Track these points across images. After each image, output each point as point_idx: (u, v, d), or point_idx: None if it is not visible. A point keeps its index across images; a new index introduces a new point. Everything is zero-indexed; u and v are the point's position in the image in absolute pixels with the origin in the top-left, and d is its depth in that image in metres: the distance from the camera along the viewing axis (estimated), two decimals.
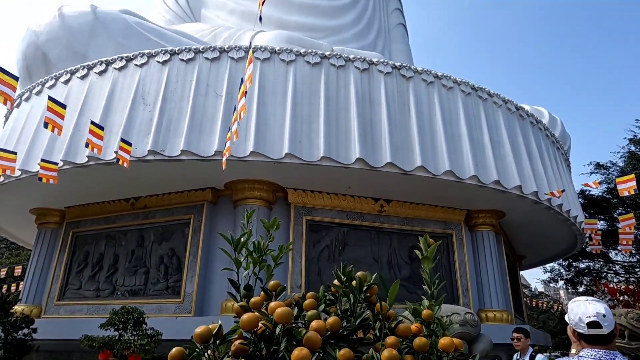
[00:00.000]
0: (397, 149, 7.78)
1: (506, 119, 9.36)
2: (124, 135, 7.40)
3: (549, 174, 9.70)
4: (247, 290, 1.90)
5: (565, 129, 13.61)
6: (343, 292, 1.71)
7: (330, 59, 8.34)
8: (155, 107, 7.73)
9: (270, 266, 1.99)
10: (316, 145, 7.50)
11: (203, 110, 7.62)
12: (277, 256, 2.02)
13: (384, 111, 8.03)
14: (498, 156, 8.68)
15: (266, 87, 7.89)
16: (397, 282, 1.56)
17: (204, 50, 8.18)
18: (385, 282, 1.77)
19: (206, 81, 7.90)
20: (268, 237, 2.02)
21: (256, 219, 7.25)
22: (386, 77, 8.47)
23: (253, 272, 1.95)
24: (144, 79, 8.10)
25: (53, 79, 8.91)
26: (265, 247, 1.95)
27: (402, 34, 18.56)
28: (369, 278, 1.74)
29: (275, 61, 8.16)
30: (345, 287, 1.66)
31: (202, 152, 7.31)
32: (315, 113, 7.76)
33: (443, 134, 8.22)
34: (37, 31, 9.61)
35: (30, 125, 8.69)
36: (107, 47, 9.32)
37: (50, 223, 10.13)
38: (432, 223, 9.53)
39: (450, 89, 8.89)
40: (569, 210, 9.80)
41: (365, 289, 1.68)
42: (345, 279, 1.66)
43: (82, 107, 8.16)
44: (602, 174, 17.79)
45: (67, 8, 9.87)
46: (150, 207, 9.22)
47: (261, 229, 8.00)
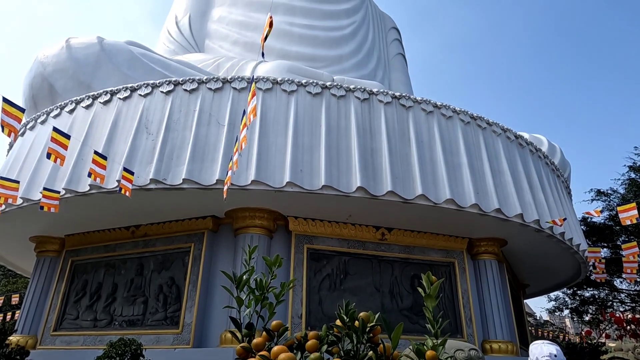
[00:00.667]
0: (398, 178, 7.82)
1: (506, 147, 9.43)
2: (127, 163, 7.46)
3: (550, 201, 9.70)
4: (249, 329, 1.88)
5: (565, 156, 13.71)
6: (346, 333, 1.69)
7: (331, 89, 8.49)
8: (158, 136, 7.81)
9: (272, 304, 1.98)
10: (317, 174, 7.54)
11: (205, 139, 7.70)
12: (279, 294, 2.01)
13: (384, 140, 8.11)
14: (498, 184, 8.70)
15: (268, 117, 8.00)
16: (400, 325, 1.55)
17: (207, 81, 8.34)
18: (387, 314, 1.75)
19: (209, 111, 8.02)
20: (270, 275, 2.01)
21: (257, 254, 7.20)
22: (386, 106, 8.59)
23: (255, 311, 1.94)
24: (147, 109, 8.23)
25: (58, 109, 9.05)
26: (267, 285, 1.94)
27: (401, 63, 18.95)
28: (372, 318, 1.73)
29: (277, 91, 8.31)
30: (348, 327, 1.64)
31: (203, 181, 7.34)
32: (317, 142, 7.84)
33: (443, 162, 8.27)
34: (44, 62, 9.84)
35: (34, 153, 8.77)
36: (112, 77, 9.53)
37: (49, 251, 10.08)
38: (433, 251, 9.46)
39: (450, 118, 9.01)
40: (572, 238, 9.74)
41: (369, 330, 1.66)
42: (347, 319, 1.65)
43: (86, 136, 8.26)
44: (604, 201, 17.77)
45: (75, 40, 10.14)
46: (151, 235, 9.19)
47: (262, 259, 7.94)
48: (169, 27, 16.25)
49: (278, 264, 1.95)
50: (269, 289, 1.98)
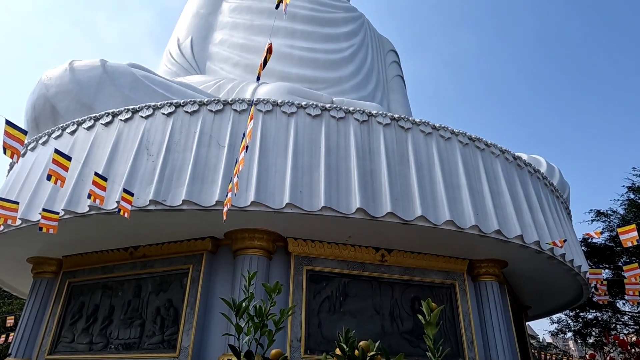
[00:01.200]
0: (397, 199, 7.82)
1: (504, 168, 9.47)
2: (127, 185, 7.47)
3: (550, 223, 9.68)
4: (248, 357, 1.86)
5: (564, 177, 13.74)
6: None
7: (331, 111, 8.58)
8: (159, 157, 7.85)
9: (271, 331, 1.96)
10: (317, 195, 7.55)
11: (205, 160, 7.73)
12: (278, 321, 1.99)
13: (383, 161, 8.15)
14: (498, 206, 8.70)
15: (268, 138, 8.06)
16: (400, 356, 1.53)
17: (208, 103, 8.44)
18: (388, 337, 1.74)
19: (209, 132, 8.08)
20: (270, 302, 2.00)
21: (257, 281, 7.15)
22: (385, 128, 8.67)
23: (254, 338, 1.92)
24: (148, 130, 8.29)
25: (60, 130, 9.12)
26: (266, 312, 1.93)
27: (399, 85, 19.19)
28: (372, 346, 1.71)
29: (277, 113, 8.39)
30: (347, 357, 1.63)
31: (203, 202, 7.34)
32: (316, 163, 7.88)
33: (442, 183, 8.29)
34: (47, 84, 9.97)
35: (34, 174, 8.79)
36: (114, 99, 9.64)
37: (46, 272, 9.99)
38: (434, 273, 9.38)
39: (448, 139, 9.07)
40: (572, 259, 9.69)
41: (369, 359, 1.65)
42: (347, 348, 1.63)
43: (87, 157, 8.30)
44: (604, 221, 17.73)
45: (78, 62, 10.30)
46: (149, 257, 9.13)
47: (261, 278, 7.87)
48: (171, 49, 16.51)
49: (277, 290, 1.94)
50: (268, 316, 1.97)
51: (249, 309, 1.97)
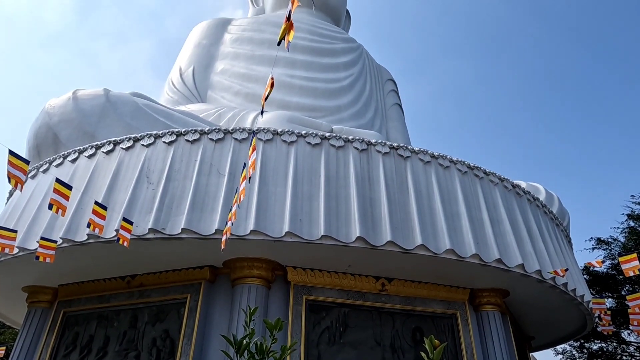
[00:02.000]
0: (397, 228, 7.80)
1: (503, 197, 9.50)
2: (126, 213, 7.46)
3: (551, 251, 9.63)
4: None
5: (563, 204, 13.76)
6: None
7: (330, 140, 8.67)
8: (159, 185, 7.87)
9: None
10: (316, 223, 7.53)
11: (205, 189, 7.75)
12: (279, 358, 1.96)
13: (383, 190, 8.17)
14: (498, 234, 8.67)
15: (268, 167, 8.11)
16: None
17: (209, 132, 8.53)
18: None
19: (210, 161, 8.13)
20: (271, 338, 1.98)
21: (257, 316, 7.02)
22: (384, 156, 8.74)
23: None
24: (149, 159, 8.34)
25: (61, 158, 9.17)
26: (267, 350, 1.90)
27: (398, 113, 19.46)
28: None
29: (277, 142, 8.47)
30: None
31: (202, 231, 7.31)
32: (316, 192, 7.90)
33: (442, 212, 8.29)
34: (50, 112, 10.09)
35: (34, 202, 8.78)
36: (116, 127, 9.74)
37: (41, 302, 9.82)
38: (435, 303, 9.25)
39: (447, 168, 9.13)
40: (575, 289, 9.58)
41: None
42: None
43: (87, 185, 8.31)
44: (605, 249, 17.63)
45: (81, 91, 10.47)
46: (147, 286, 9.00)
47: (260, 309, 7.74)
48: (173, 78, 16.81)
49: (279, 327, 1.92)
50: (269, 354, 1.94)
51: (250, 346, 1.95)
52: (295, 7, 3.70)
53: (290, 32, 3.64)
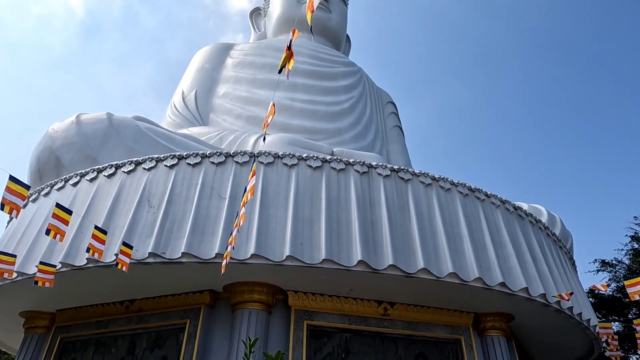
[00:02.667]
0: (399, 251, 7.74)
1: (505, 219, 9.45)
2: (127, 237, 7.43)
3: (555, 274, 9.51)
4: None
5: (565, 226, 13.66)
6: None
7: (331, 163, 8.69)
8: (160, 209, 7.86)
9: None
10: (317, 247, 7.48)
11: (206, 212, 7.73)
12: None
13: (384, 213, 8.14)
14: (501, 257, 8.59)
15: (269, 190, 8.11)
16: None
17: (211, 155, 8.57)
18: None
19: (211, 184, 8.14)
20: None
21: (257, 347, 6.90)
22: (385, 179, 8.74)
23: None
24: (151, 182, 8.36)
25: (62, 181, 9.19)
26: None
27: (398, 135, 19.58)
28: None
29: (278, 165, 8.50)
30: None
31: (202, 255, 7.26)
32: (317, 215, 7.87)
33: (444, 235, 8.24)
34: (53, 136, 10.17)
35: (34, 226, 8.76)
36: (118, 151, 9.79)
37: (38, 327, 9.67)
38: (438, 327, 9.08)
39: (448, 190, 9.12)
40: (581, 313, 9.42)
41: None
42: None
43: (88, 208, 8.30)
44: (609, 271, 17.42)
45: (85, 115, 10.58)
46: (145, 311, 8.88)
47: (261, 335, 7.60)
48: (176, 102, 17.00)
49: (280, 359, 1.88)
50: None
51: None
52: (296, 36, 3.78)
53: (291, 61, 3.71)
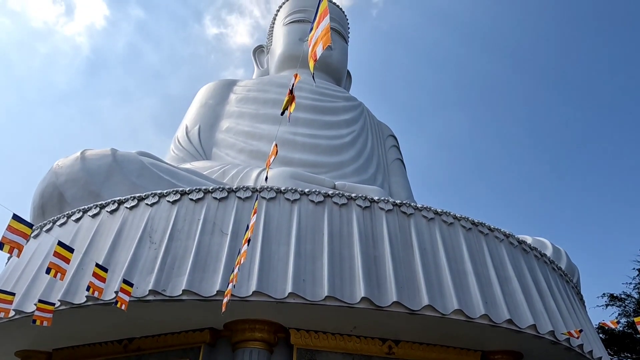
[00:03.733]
0: (403, 287, 7.62)
1: (510, 253, 9.34)
2: (127, 274, 7.35)
3: (563, 310, 9.30)
4: None
5: (571, 259, 13.48)
6: None
7: (333, 198, 8.70)
8: (161, 245, 7.82)
9: None
10: (320, 283, 7.38)
11: (208, 249, 7.69)
12: None
13: (387, 248, 8.08)
14: (507, 293, 8.43)
15: (271, 226, 8.09)
16: None
17: (213, 190, 8.60)
18: None
19: (213, 220, 8.13)
20: None
21: None
22: (387, 214, 8.72)
23: None
24: (153, 218, 8.36)
25: (65, 217, 9.20)
26: None
27: (399, 167, 19.68)
28: None
29: (281, 200, 8.51)
30: None
31: (203, 292, 7.16)
32: (319, 251, 7.81)
33: (448, 270, 8.13)
34: (57, 172, 10.27)
35: (35, 262, 8.70)
36: (121, 186, 9.85)
37: None
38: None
39: (451, 224, 9.07)
40: (592, 350, 9.15)
41: None
42: None
43: (89, 244, 8.27)
44: (619, 306, 17.04)
45: (90, 151, 10.71)
46: (144, 350, 8.67)
47: None
48: (179, 137, 17.23)
49: None
50: None
51: None
52: (297, 81, 3.88)
53: (293, 104, 3.80)
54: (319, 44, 3.14)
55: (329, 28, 3.16)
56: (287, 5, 21.81)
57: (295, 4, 21.48)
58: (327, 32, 3.08)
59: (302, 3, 21.28)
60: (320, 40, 3.14)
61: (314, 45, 3.21)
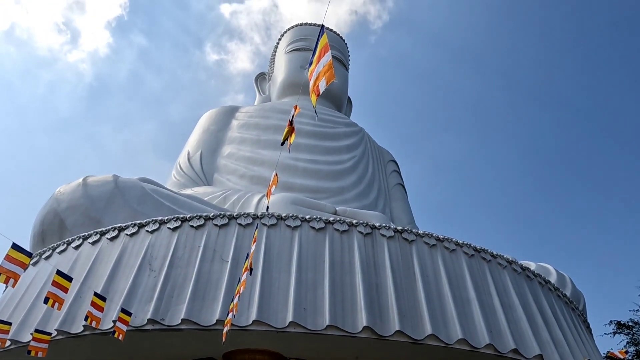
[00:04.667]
0: (406, 316, 7.49)
1: (514, 280, 9.22)
2: (126, 302, 7.26)
3: (570, 339, 9.10)
4: None
5: (576, 286, 13.26)
6: None
7: (334, 224, 8.66)
8: (161, 273, 7.75)
9: None
10: (321, 312, 7.26)
11: (208, 276, 7.61)
12: None
13: (389, 276, 7.98)
14: (512, 321, 8.28)
15: (271, 253, 8.02)
16: None
17: (214, 217, 8.58)
18: None
19: (213, 247, 8.08)
20: None
21: None
22: (389, 240, 8.66)
23: None
24: (153, 245, 8.31)
25: (65, 244, 9.15)
26: None
27: (401, 192, 19.67)
28: None
29: (281, 227, 8.47)
30: None
31: (203, 321, 7.04)
32: (320, 278, 7.72)
33: (451, 298, 8.01)
34: (59, 199, 10.27)
35: (33, 291, 8.60)
36: (122, 213, 9.83)
37: None
38: None
39: (453, 251, 8.99)
40: None
41: None
42: None
43: (88, 272, 8.19)
44: (626, 334, 16.66)
45: (92, 178, 10.74)
46: None
47: None
48: (181, 162, 17.32)
49: None
50: None
51: None
52: (297, 113, 3.94)
53: (292, 135, 3.84)
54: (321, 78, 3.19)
55: (331, 64, 3.21)
56: (289, 34, 22.32)
57: (296, 33, 21.99)
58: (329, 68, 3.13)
59: (304, 32, 21.79)
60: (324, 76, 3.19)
61: (316, 80, 3.25)
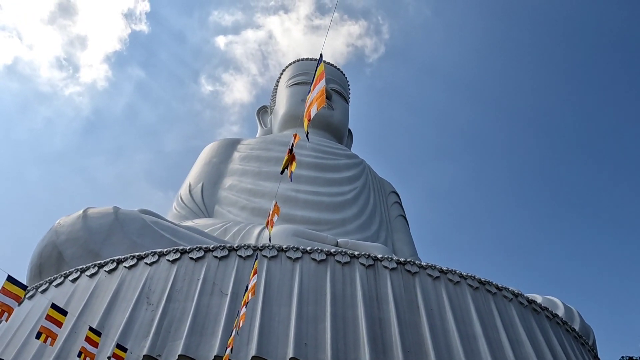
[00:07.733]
0: (410, 352, 7.25)
1: (520, 314, 8.98)
2: (122, 337, 7.06)
3: None
4: None
5: (585, 320, 12.90)
6: None
7: (336, 256, 8.54)
8: (159, 307, 7.58)
9: None
10: (322, 348, 7.04)
11: (207, 310, 7.44)
12: None
13: (392, 309, 7.79)
14: (520, 358, 7.99)
15: (272, 285, 7.88)
16: None
17: (214, 249, 8.48)
18: None
19: (213, 280, 7.95)
20: None
21: None
22: (392, 272, 8.51)
23: None
24: (151, 278, 8.17)
25: (62, 277, 9.01)
26: None
27: (402, 224, 19.52)
28: None
29: (282, 259, 8.36)
30: None
31: (200, 357, 6.83)
32: (322, 312, 7.53)
33: (457, 333, 7.77)
34: (59, 231, 10.19)
35: (27, 325, 8.39)
36: (121, 245, 9.73)
37: None
38: None
39: (458, 283, 8.81)
40: None
41: None
42: None
43: (85, 306, 8.02)
44: None
45: (92, 210, 10.71)
46: None
47: None
48: (182, 194, 17.32)
49: None
50: None
51: None
52: (297, 141, 3.95)
53: (293, 163, 3.85)
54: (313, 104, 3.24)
55: (323, 91, 3.27)
56: (290, 69, 22.86)
57: (298, 68, 22.52)
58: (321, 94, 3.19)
59: (304, 67, 22.32)
60: (315, 102, 3.25)
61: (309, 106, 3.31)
